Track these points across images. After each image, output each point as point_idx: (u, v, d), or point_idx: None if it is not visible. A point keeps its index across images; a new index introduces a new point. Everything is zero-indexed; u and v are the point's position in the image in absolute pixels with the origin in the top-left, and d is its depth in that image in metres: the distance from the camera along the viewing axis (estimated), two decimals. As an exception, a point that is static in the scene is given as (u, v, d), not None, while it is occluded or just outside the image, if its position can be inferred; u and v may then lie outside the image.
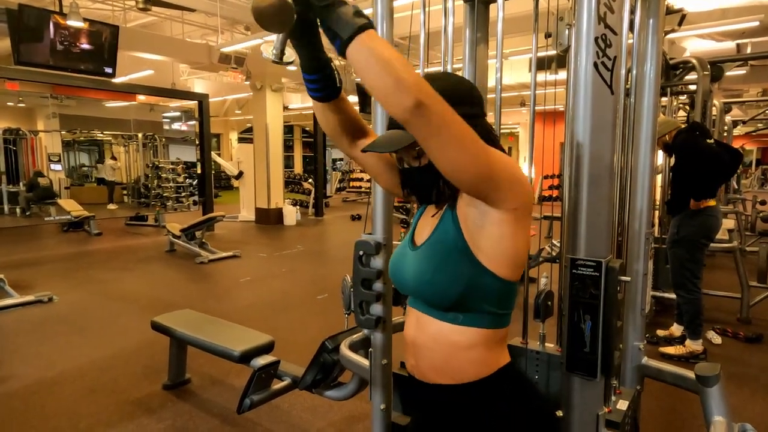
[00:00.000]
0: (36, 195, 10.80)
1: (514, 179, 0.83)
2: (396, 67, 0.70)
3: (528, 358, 1.89)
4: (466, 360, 0.93)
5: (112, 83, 7.93)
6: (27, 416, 2.60)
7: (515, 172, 0.83)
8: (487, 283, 0.89)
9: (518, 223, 0.86)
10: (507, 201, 0.83)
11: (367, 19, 0.73)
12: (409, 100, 0.69)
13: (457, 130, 0.74)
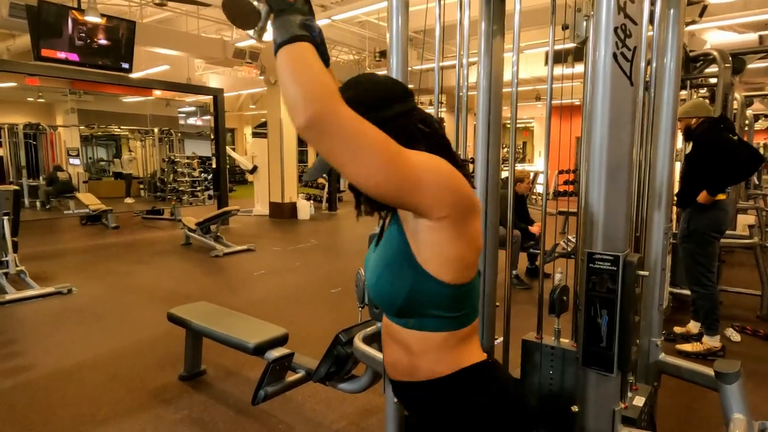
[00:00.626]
0: (55, 189, 10.99)
1: (441, 187, 0.77)
2: (304, 82, 0.69)
3: (542, 354, 1.88)
4: (422, 362, 0.91)
5: (128, 78, 8.02)
6: (49, 403, 2.66)
7: (441, 180, 0.78)
8: (431, 288, 0.85)
9: (454, 229, 0.81)
10: (434, 210, 0.78)
11: (308, 34, 0.74)
12: (304, 115, 0.68)
13: (360, 145, 0.70)
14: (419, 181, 0.74)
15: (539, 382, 1.89)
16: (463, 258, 0.84)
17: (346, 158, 0.70)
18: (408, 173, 0.73)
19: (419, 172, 0.74)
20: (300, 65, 0.71)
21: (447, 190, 0.78)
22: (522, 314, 1.55)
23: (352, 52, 12.16)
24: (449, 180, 0.78)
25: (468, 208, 0.82)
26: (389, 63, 1.51)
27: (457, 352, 0.90)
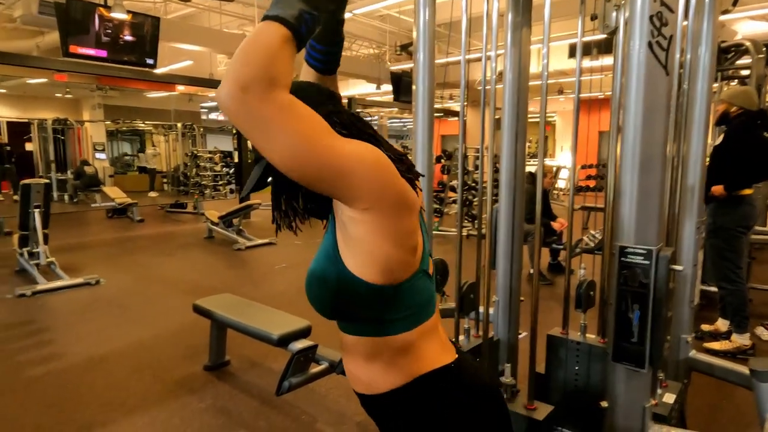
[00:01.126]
0: (83, 182, 11.25)
1: (366, 177, 0.73)
2: (257, 49, 0.67)
3: (568, 349, 1.86)
4: (373, 372, 0.86)
5: (153, 74, 8.13)
6: (79, 391, 2.73)
7: (368, 169, 0.73)
8: (358, 289, 0.79)
9: (379, 223, 0.76)
10: (357, 200, 0.74)
11: (297, 25, 0.71)
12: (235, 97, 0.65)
13: (285, 122, 0.67)
14: (343, 167, 0.71)
15: (564, 377, 1.87)
16: (388, 257, 0.78)
17: (270, 135, 0.67)
18: (333, 157, 0.70)
19: (345, 159, 0.71)
20: (265, 39, 0.68)
21: (373, 181, 0.73)
22: (544, 309, 1.53)
23: (372, 46, 12.15)
24: (377, 171, 0.74)
25: (396, 203, 0.76)
26: (416, 57, 1.50)
27: (409, 358, 0.84)
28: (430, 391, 0.84)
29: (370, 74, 11.59)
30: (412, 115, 1.59)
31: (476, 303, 1.83)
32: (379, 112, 21.37)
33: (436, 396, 0.84)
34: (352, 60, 11.84)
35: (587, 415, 1.81)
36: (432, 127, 1.55)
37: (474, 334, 1.88)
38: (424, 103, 1.51)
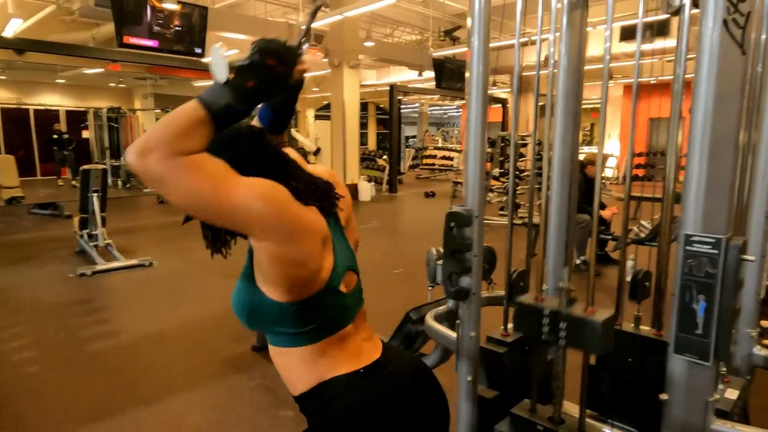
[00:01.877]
0: (135, 169, 11.72)
1: (260, 213, 0.81)
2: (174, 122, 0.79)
3: (621, 341, 1.81)
4: (292, 377, 0.96)
5: (201, 63, 8.34)
6: (137, 367, 2.88)
7: (262, 206, 0.81)
8: (266, 306, 0.89)
9: (277, 251, 0.84)
10: (255, 232, 0.84)
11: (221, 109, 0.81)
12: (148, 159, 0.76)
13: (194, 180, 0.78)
14: (235, 209, 0.80)
15: (616, 369, 1.83)
16: (287, 279, 0.86)
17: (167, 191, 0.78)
18: (225, 203, 0.79)
19: (237, 202, 0.79)
20: (179, 117, 0.80)
21: (264, 217, 0.81)
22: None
23: (415, 32, 12.03)
24: (267, 207, 0.81)
25: (290, 233, 0.84)
26: (470, 42, 1.47)
27: (319, 365, 0.93)
28: (333, 394, 0.93)
29: (412, 61, 11.49)
30: (465, 102, 1.57)
31: (526, 291, 1.80)
32: (419, 99, 21.20)
33: (339, 399, 0.92)
34: (393, 46, 11.78)
35: (639, 407, 1.76)
36: (486, 114, 1.52)
37: (522, 322, 1.86)
38: (478, 90, 1.48)
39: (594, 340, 1.21)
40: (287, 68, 0.89)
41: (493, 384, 1.71)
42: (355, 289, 1.02)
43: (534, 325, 1.32)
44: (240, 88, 0.83)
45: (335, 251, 0.94)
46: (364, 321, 1.06)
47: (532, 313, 1.33)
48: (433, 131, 23.69)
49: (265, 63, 0.86)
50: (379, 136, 23.38)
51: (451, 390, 2.16)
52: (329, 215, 0.95)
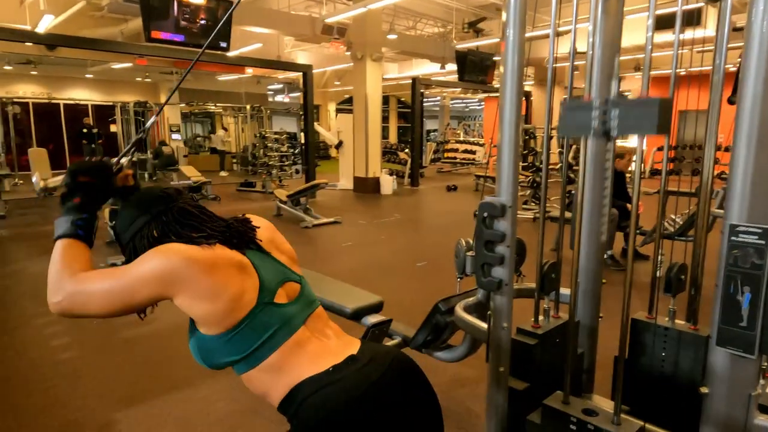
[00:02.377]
0: (161, 162, 11.94)
1: (151, 286, 0.95)
2: (56, 274, 0.98)
3: (655, 335, 1.79)
4: (265, 391, 1.03)
5: (226, 57, 8.43)
6: (168, 353, 2.95)
7: (149, 280, 0.94)
8: (210, 343, 1.00)
9: (184, 301, 0.96)
10: (161, 297, 0.97)
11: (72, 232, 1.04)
12: (55, 305, 0.97)
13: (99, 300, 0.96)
14: (133, 295, 0.95)
15: (650, 364, 1.80)
16: (211, 314, 0.97)
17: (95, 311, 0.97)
18: (122, 296, 0.96)
19: (133, 289, 0.95)
20: (54, 260, 1.00)
21: (159, 286, 0.95)
22: (618, 295, 1.49)
23: (438, 25, 11.94)
24: (155, 277, 0.94)
25: (185, 283, 0.95)
26: (506, 34, 1.46)
27: (285, 374, 0.99)
28: (304, 396, 0.97)
29: (434, 53, 11.42)
30: (498, 94, 1.55)
31: (557, 283, 1.79)
32: (441, 92, 21.06)
33: (309, 399, 0.97)
34: (415, 39, 11.71)
35: (674, 403, 1.74)
36: (520, 105, 1.51)
37: (553, 314, 1.85)
38: (512, 82, 1.47)
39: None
40: (104, 179, 1.11)
41: (523, 376, 1.70)
42: (299, 297, 1.09)
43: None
44: (71, 207, 1.06)
45: (260, 272, 1.03)
46: (326, 323, 1.12)
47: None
48: (455, 125, 23.54)
49: (77, 182, 1.08)
50: (400, 129, 23.34)
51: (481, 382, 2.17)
52: (245, 246, 1.07)
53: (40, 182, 5.29)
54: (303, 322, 1.05)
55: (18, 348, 3.05)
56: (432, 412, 1.11)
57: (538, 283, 1.74)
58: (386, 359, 1.06)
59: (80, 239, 1.04)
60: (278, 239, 1.21)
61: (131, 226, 1.05)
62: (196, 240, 1.01)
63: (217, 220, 1.10)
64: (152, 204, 1.06)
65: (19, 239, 6.06)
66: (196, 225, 1.05)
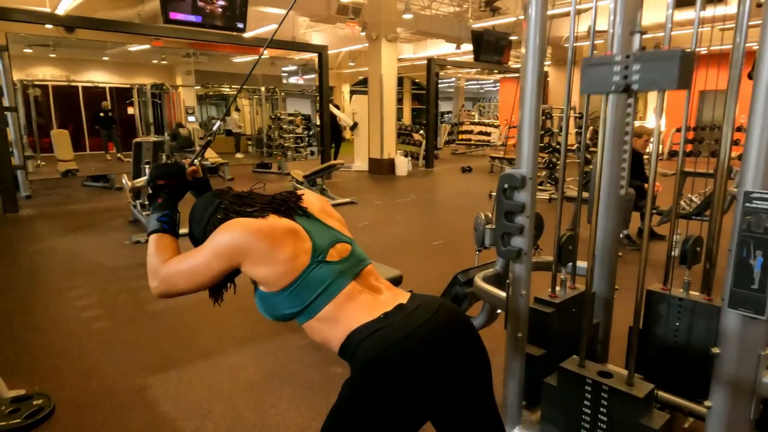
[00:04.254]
0: (178, 144, 12.06)
1: (221, 258, 1.11)
2: (152, 263, 1.19)
3: (669, 305, 1.84)
4: (324, 339, 1.14)
5: (242, 38, 8.46)
6: (195, 324, 3.07)
7: (218, 255, 1.11)
8: (272, 299, 1.14)
9: (251, 267, 1.11)
10: (231, 267, 1.13)
11: (160, 227, 1.25)
12: (155, 289, 1.18)
13: (185, 278, 1.15)
14: (210, 265, 1.12)
15: (664, 333, 1.86)
16: (269, 276, 1.11)
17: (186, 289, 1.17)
18: (201, 272, 1.14)
19: (207, 264, 1.12)
20: (154, 251, 1.21)
21: (227, 257, 1.11)
22: (633, 274, 1.54)
23: (453, 4, 11.81)
24: (224, 250, 1.11)
25: (248, 250, 1.10)
26: (527, 13, 1.49)
27: (341, 322, 1.10)
28: (359, 339, 1.07)
29: (450, 33, 11.32)
30: (520, 70, 1.59)
31: (574, 255, 1.84)
32: (456, 73, 20.86)
33: (365, 342, 1.06)
34: (431, 19, 11.60)
35: (687, 371, 1.80)
36: (541, 83, 1.54)
37: (570, 285, 1.91)
38: (534, 59, 1.50)
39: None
40: (178, 178, 1.37)
41: (541, 343, 1.77)
42: (349, 255, 1.21)
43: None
44: (157, 206, 1.30)
45: (312, 235, 1.16)
46: (377, 278, 1.24)
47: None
48: (469, 107, 23.34)
49: (157, 184, 1.33)
50: (414, 111, 23.21)
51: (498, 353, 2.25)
52: (294, 215, 1.20)
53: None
54: (354, 277, 1.17)
55: (54, 319, 3.20)
56: (478, 353, 1.18)
57: (555, 254, 1.80)
58: (433, 306, 1.15)
59: (166, 232, 1.25)
60: (328, 208, 1.34)
61: (202, 221, 1.23)
62: (251, 214, 1.17)
63: (265, 197, 1.26)
64: (212, 200, 1.25)
65: (46, 218, 6.25)
66: (248, 203, 1.21)
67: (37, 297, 3.60)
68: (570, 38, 1.70)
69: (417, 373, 1.04)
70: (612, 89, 1.25)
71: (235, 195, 1.26)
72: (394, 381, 1.03)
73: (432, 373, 1.05)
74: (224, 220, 1.18)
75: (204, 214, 1.24)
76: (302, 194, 1.30)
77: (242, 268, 1.13)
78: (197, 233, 1.24)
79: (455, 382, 1.10)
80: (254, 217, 1.16)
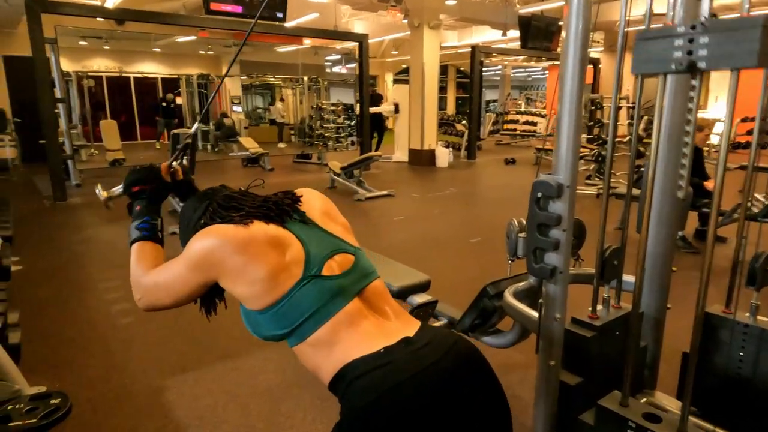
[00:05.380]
0: (222, 133, 12.28)
1: (198, 270, 0.99)
2: (133, 274, 1.11)
3: (733, 331, 1.59)
4: (314, 368, 0.99)
5: (283, 27, 8.42)
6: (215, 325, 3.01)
7: (194, 265, 0.99)
8: (256, 317, 0.99)
9: (229, 281, 0.98)
10: (208, 280, 1.01)
11: (139, 236, 1.17)
12: (139, 303, 1.10)
13: (164, 292, 1.06)
14: (187, 278, 1.01)
15: (725, 363, 1.61)
16: (250, 294, 0.97)
17: (165, 301, 1.07)
18: (181, 286, 1.03)
19: (185, 275, 1.01)
20: (131, 263, 1.13)
21: (202, 270, 0.99)
22: (688, 281, 1.31)
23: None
24: (197, 262, 0.99)
25: (222, 263, 0.97)
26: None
27: (335, 352, 0.94)
28: (352, 377, 0.91)
29: (495, 20, 10.90)
30: (559, 62, 1.38)
31: (620, 271, 1.62)
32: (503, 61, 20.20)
33: (358, 381, 0.90)
34: (476, 5, 11.19)
35: (752, 409, 1.55)
36: (583, 76, 1.33)
37: (614, 304, 1.68)
38: (576, 49, 1.29)
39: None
40: (154, 181, 1.25)
41: (577, 370, 1.57)
42: (352, 268, 1.04)
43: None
44: (136, 214, 1.21)
45: (307, 244, 1.01)
46: (385, 300, 1.05)
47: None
48: (516, 95, 22.63)
49: (132, 192, 1.24)
50: (459, 100, 22.72)
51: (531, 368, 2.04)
52: (286, 220, 1.05)
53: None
54: (355, 295, 1.00)
55: (85, 312, 3.23)
56: (496, 405, 1.00)
57: (597, 269, 1.58)
58: (445, 344, 0.97)
59: (147, 239, 1.17)
60: (332, 211, 1.18)
61: (189, 226, 1.12)
62: (234, 219, 1.02)
63: (257, 198, 1.10)
64: (202, 201, 1.13)
65: (92, 207, 6.43)
66: (236, 206, 1.07)
67: (72, 288, 3.66)
68: (621, 24, 1.47)
69: (417, 429, 0.87)
70: (672, 68, 1.01)
71: (226, 196, 1.11)
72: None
73: (436, 429, 0.89)
74: (207, 225, 1.05)
75: (192, 218, 1.12)
76: (301, 195, 1.14)
77: (220, 283, 0.99)
78: (184, 239, 1.10)
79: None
80: (236, 223, 1.00)
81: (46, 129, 6.34)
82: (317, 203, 1.15)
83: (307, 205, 1.12)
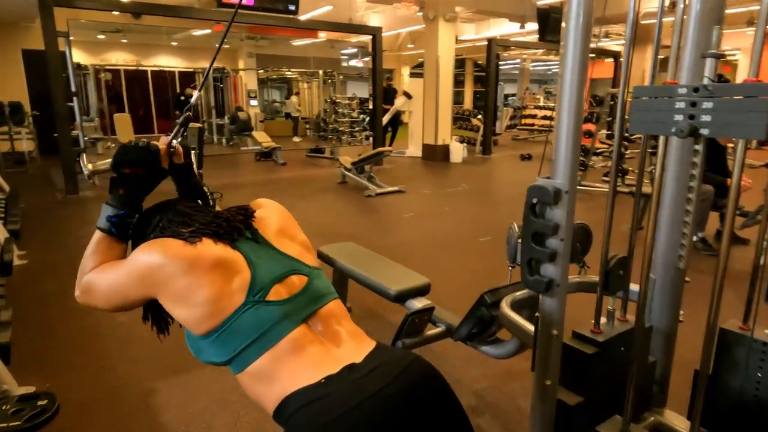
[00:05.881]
0: (237, 127, 12.27)
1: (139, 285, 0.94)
2: (82, 265, 1.04)
3: (750, 350, 1.46)
4: (257, 398, 0.93)
5: (296, 20, 8.34)
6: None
7: (136, 279, 0.94)
8: (197, 341, 0.94)
9: (166, 300, 0.93)
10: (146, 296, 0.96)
11: (107, 228, 1.06)
12: (77, 297, 1.05)
13: (101, 296, 1.01)
14: (127, 288, 0.96)
15: (740, 385, 1.48)
16: (189, 318, 0.92)
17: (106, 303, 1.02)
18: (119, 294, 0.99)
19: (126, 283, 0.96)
20: (86, 251, 1.05)
21: (142, 284, 0.94)
22: (707, 288, 1.20)
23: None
24: (139, 274, 0.94)
25: (164, 282, 0.91)
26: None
27: (277, 381, 0.89)
28: (292, 411, 0.86)
29: (513, 11, 10.65)
30: (559, 58, 1.26)
31: (626, 281, 1.50)
32: (521, 54, 19.83)
33: (296, 415, 0.85)
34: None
35: None
36: (585, 70, 1.21)
37: (619, 317, 1.56)
38: (576, 41, 1.17)
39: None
40: (149, 166, 1.07)
41: (578, 388, 1.46)
42: (302, 291, 0.97)
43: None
44: (115, 198, 1.06)
45: (254, 266, 0.95)
46: (338, 322, 0.99)
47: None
48: (535, 89, 22.22)
49: (122, 173, 1.06)
50: (476, 94, 22.43)
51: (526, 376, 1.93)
52: (236, 238, 0.98)
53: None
54: (302, 321, 0.94)
55: (84, 308, 3.20)
56: (455, 427, 0.92)
57: (601, 279, 1.46)
58: (397, 367, 0.89)
59: (113, 235, 1.06)
60: (291, 227, 1.11)
61: (142, 239, 1.04)
62: (182, 235, 0.97)
63: (208, 214, 1.05)
64: (155, 214, 1.07)
65: (102, 200, 6.45)
66: (187, 221, 1.02)
67: (74, 284, 3.65)
68: (629, 15, 1.35)
69: None
70: (672, 131, 0.92)
71: (177, 211, 1.06)
72: None
73: None
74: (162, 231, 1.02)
75: (146, 231, 1.06)
76: (255, 210, 1.07)
77: (159, 301, 0.94)
78: (134, 246, 1.06)
79: None
80: (184, 239, 0.95)
81: (58, 122, 6.37)
82: (274, 219, 1.08)
83: (261, 222, 1.05)
